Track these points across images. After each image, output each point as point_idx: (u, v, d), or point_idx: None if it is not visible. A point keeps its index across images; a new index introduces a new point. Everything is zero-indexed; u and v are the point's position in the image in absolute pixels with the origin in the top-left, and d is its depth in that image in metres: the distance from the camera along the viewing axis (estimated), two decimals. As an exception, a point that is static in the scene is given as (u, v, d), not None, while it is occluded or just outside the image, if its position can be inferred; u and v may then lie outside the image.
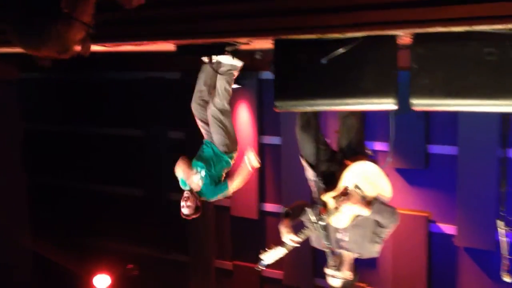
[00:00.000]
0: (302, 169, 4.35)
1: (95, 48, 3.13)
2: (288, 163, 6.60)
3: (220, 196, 4.89)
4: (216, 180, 4.79)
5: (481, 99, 2.63)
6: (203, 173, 4.73)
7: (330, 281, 4.05)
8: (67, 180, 8.58)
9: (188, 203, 4.68)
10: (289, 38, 2.94)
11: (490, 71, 2.57)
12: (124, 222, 7.76)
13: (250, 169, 4.75)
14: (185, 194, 4.75)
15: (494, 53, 2.54)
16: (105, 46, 3.57)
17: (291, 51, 2.99)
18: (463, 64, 2.62)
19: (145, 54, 5.43)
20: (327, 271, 4.05)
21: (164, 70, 7.45)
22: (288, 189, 6.63)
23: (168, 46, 3.84)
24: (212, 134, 4.85)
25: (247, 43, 3.87)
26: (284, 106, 3.16)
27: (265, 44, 3.56)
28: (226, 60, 4.49)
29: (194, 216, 4.76)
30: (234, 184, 4.82)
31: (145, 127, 7.82)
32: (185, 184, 4.81)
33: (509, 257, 3.69)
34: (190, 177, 4.74)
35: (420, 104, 2.83)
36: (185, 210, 4.71)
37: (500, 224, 3.68)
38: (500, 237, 3.72)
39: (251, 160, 4.75)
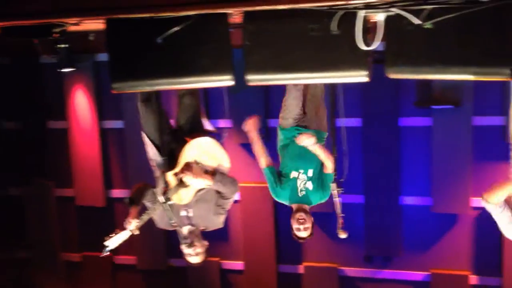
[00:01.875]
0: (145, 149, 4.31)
1: None
2: (132, 146, 6.49)
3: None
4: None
5: (308, 71, 2.82)
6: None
7: (189, 258, 4.11)
8: None
9: (307, 225, 4.01)
10: (121, 17, 2.87)
11: (314, 45, 2.76)
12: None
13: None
14: (299, 215, 4.00)
15: (317, 29, 2.73)
16: None
17: (124, 31, 2.93)
18: (290, 40, 2.78)
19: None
20: (183, 249, 4.09)
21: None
22: (134, 173, 6.51)
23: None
24: None
25: (77, 24, 3.68)
26: (122, 88, 3.09)
27: (98, 25, 3.42)
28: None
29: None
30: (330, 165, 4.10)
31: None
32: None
33: (342, 215, 4.05)
34: None
35: (255, 79, 2.96)
36: (304, 233, 4.02)
37: (333, 186, 4.01)
38: (334, 198, 4.05)
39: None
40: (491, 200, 3.60)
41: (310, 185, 4.12)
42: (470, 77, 2.61)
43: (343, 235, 4.08)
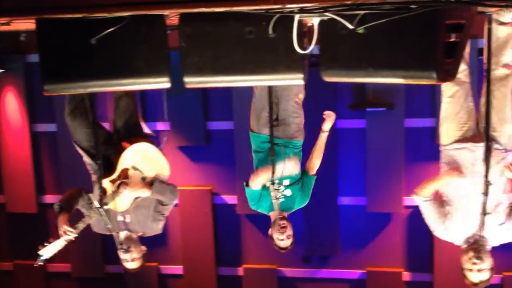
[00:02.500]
0: (80, 155, 4.19)
1: None
2: (65, 150, 6.27)
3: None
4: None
5: (246, 74, 2.84)
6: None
7: (125, 264, 4.03)
8: None
9: (289, 232, 3.96)
10: (53, 17, 2.78)
11: (251, 48, 2.77)
12: None
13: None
14: (282, 222, 3.95)
15: (253, 32, 2.75)
16: None
17: (56, 31, 2.84)
18: (227, 43, 2.79)
19: None
20: (120, 255, 4.01)
21: None
22: (68, 178, 6.32)
23: None
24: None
25: (8, 24, 3.54)
26: (54, 90, 2.99)
27: (30, 25, 3.31)
28: None
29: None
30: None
31: None
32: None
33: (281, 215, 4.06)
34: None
35: (192, 81, 2.94)
36: (286, 243, 3.98)
37: (271, 188, 4.01)
38: (272, 200, 4.06)
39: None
40: (421, 194, 3.78)
41: (288, 192, 4.08)
42: (400, 81, 2.71)
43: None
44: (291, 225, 4.01)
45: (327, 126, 4.12)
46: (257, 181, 3.97)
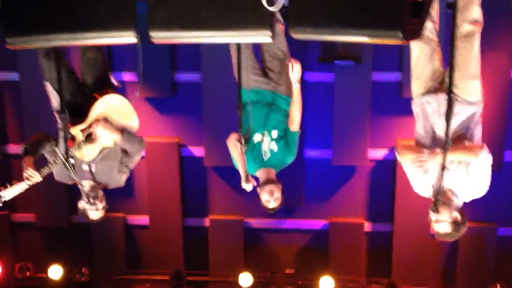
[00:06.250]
0: (44, 103, 4.10)
1: None
2: (28, 99, 6.16)
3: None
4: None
5: (213, 30, 2.80)
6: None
7: (90, 213, 4.04)
8: None
9: (277, 194, 3.89)
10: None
11: (219, 4, 2.73)
12: None
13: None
14: (248, 186, 3.85)
15: (222, -12, 2.71)
16: None
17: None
18: (195, -2, 2.73)
19: None
20: (83, 205, 4.02)
21: None
22: (31, 127, 6.16)
23: None
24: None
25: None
26: (17, 43, 2.92)
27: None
28: None
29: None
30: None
31: None
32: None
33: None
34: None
35: (159, 36, 2.90)
36: (274, 204, 3.91)
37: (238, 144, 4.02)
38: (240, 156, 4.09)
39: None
40: (403, 157, 3.86)
41: (274, 146, 4.03)
42: (366, 40, 2.72)
43: (248, 188, 4.11)
44: (280, 186, 3.96)
45: (292, 76, 3.95)
46: None
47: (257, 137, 4.01)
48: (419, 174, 3.84)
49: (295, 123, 4.01)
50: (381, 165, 6.25)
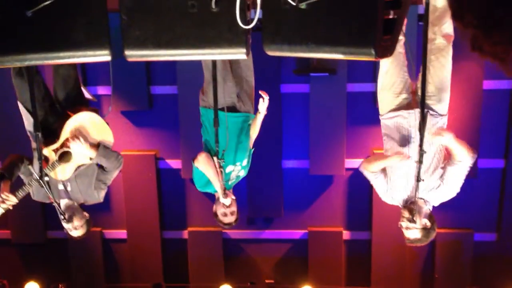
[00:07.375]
0: (18, 123, 4.06)
1: None
2: (1, 118, 6.06)
3: None
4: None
5: (187, 48, 2.80)
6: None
7: (70, 233, 4.02)
8: None
9: (233, 208, 4.07)
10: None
11: (193, 22, 2.74)
12: None
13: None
14: (227, 201, 4.01)
15: (196, 6, 2.71)
16: None
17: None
18: (170, 16, 2.73)
19: None
20: (63, 224, 3.99)
21: None
22: (5, 147, 6.07)
23: None
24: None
25: None
26: (-11, 62, 2.86)
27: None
28: None
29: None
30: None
31: None
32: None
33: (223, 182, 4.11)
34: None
35: (134, 55, 2.89)
36: (230, 219, 4.08)
37: (215, 159, 4.05)
38: (217, 169, 4.10)
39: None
40: (369, 168, 3.91)
41: (242, 172, 4.16)
42: (340, 56, 2.76)
43: (226, 202, 4.15)
44: (235, 201, 4.07)
45: (262, 107, 4.06)
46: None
47: (229, 168, 4.12)
48: (386, 185, 3.91)
49: (251, 143, 4.22)
50: (358, 174, 6.26)
